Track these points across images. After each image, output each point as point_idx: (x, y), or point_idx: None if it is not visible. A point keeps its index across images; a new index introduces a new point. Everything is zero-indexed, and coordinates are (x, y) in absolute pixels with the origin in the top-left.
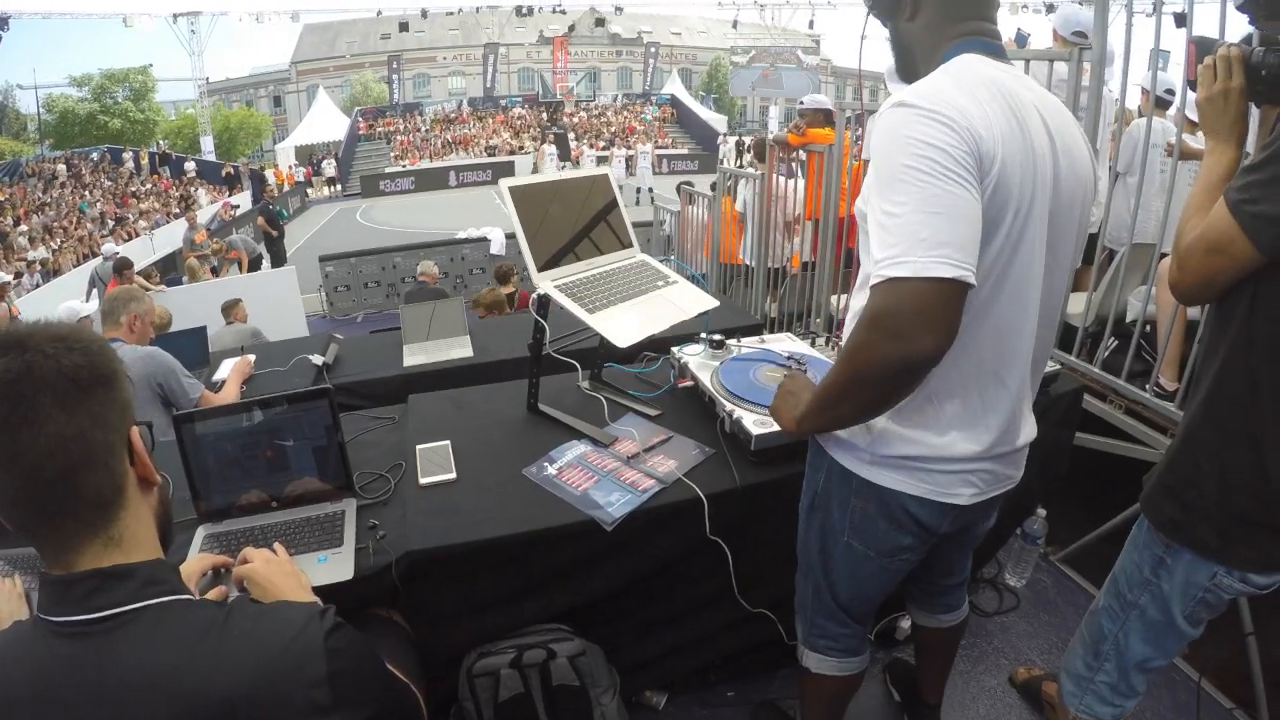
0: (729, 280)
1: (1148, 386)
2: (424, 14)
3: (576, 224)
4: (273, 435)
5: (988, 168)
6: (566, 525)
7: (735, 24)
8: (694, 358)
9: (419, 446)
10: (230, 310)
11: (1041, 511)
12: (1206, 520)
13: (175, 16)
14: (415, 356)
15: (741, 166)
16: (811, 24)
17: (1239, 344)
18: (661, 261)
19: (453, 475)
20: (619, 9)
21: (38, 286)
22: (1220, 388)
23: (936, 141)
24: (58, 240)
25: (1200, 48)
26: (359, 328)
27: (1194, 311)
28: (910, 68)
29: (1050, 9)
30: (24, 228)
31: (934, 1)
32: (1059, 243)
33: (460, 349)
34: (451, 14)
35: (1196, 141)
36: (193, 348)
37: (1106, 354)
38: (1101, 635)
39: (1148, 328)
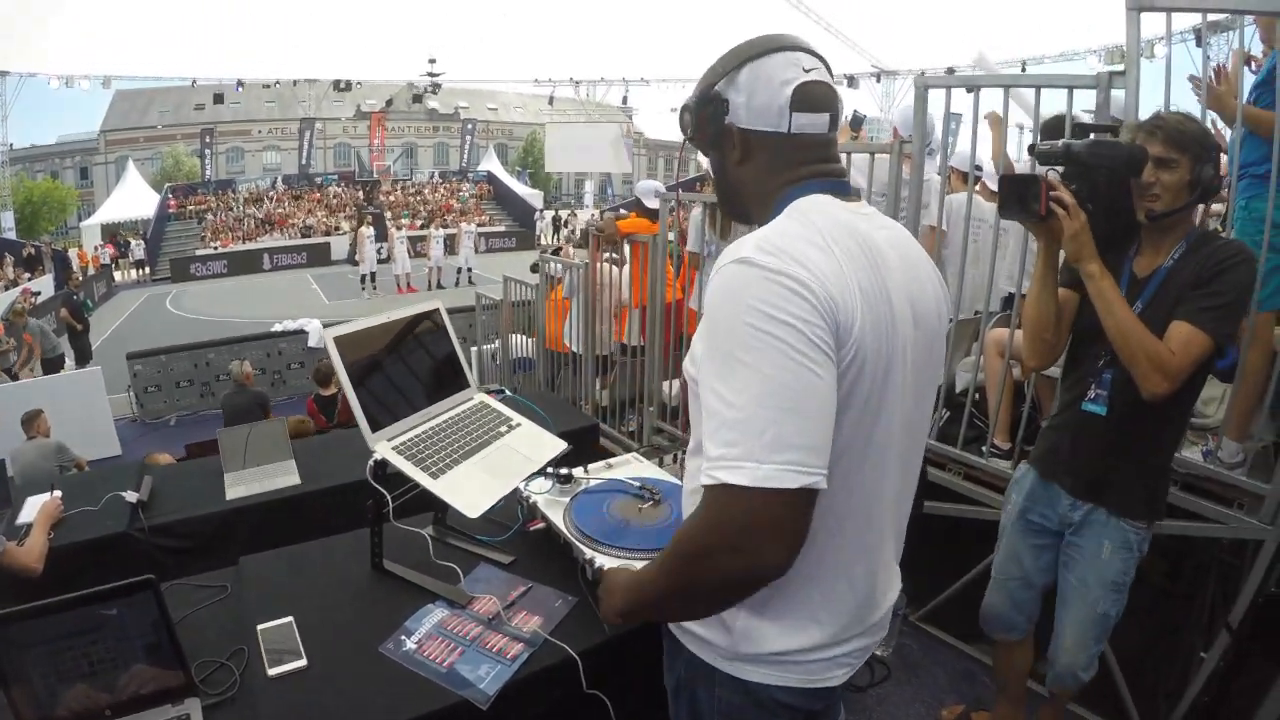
0: (557, 369)
1: (984, 449)
2: (239, 85)
3: (409, 369)
4: (94, 635)
5: (845, 336)
6: (439, 710)
7: (551, 100)
8: (542, 496)
9: (260, 627)
10: (31, 423)
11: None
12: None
13: None
14: (237, 487)
15: (559, 242)
16: (625, 100)
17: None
18: (499, 399)
19: (303, 662)
20: (437, 86)
21: None
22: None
23: (788, 315)
24: None
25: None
26: (172, 432)
27: (1017, 373)
28: (738, 206)
29: (851, 82)
30: None
31: (768, 150)
32: (923, 387)
33: (286, 476)
34: (268, 86)
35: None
36: None
37: (941, 423)
38: (1106, 626)
39: (976, 396)
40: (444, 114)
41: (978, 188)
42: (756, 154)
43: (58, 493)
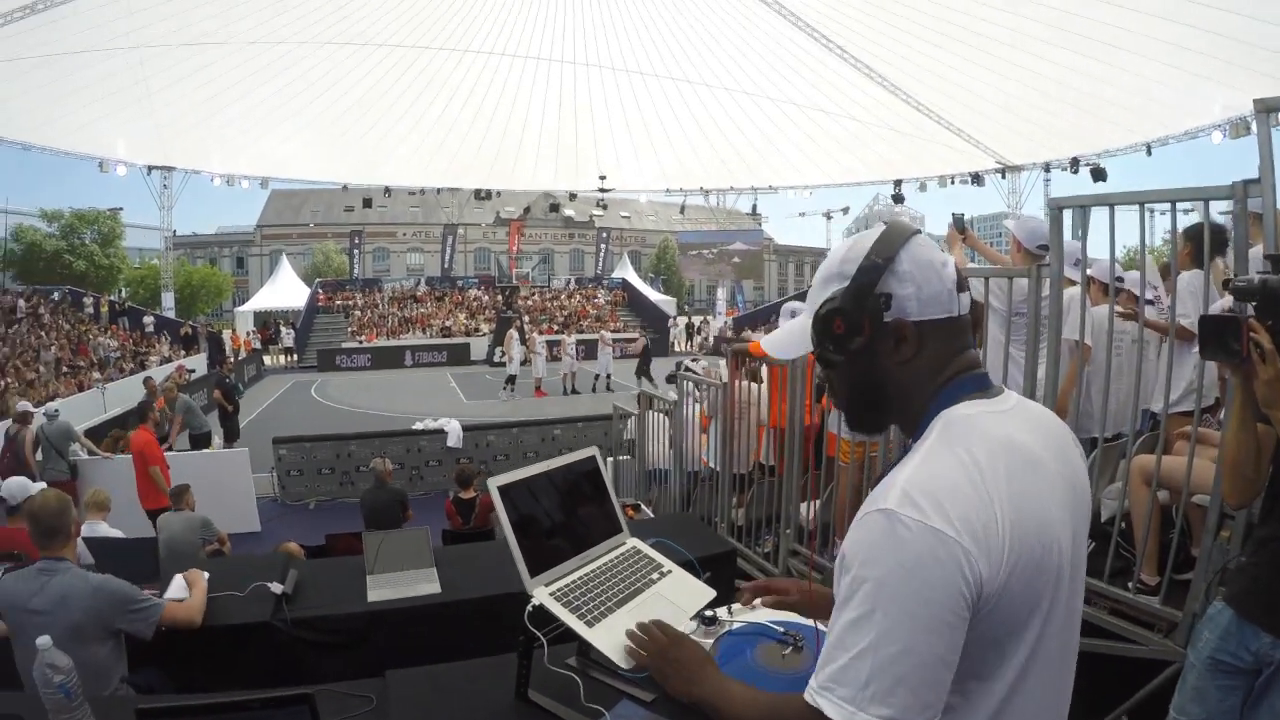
0: (694, 484)
1: (1130, 584)
2: (387, 191)
3: (566, 516)
4: None
5: (988, 587)
6: None
7: (683, 209)
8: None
9: None
10: (180, 496)
11: None
12: None
13: (149, 169)
14: (380, 590)
15: (694, 350)
16: (755, 208)
17: None
18: (645, 535)
19: None
20: (574, 195)
21: None
22: None
23: (921, 581)
24: (4, 380)
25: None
26: (310, 516)
27: (1164, 495)
28: (879, 410)
29: (977, 180)
30: None
31: (938, 339)
32: (1079, 572)
33: (427, 584)
34: (413, 193)
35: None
36: (141, 562)
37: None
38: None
39: (1123, 524)
40: (579, 221)
41: (1119, 300)
42: (929, 345)
43: (204, 574)
